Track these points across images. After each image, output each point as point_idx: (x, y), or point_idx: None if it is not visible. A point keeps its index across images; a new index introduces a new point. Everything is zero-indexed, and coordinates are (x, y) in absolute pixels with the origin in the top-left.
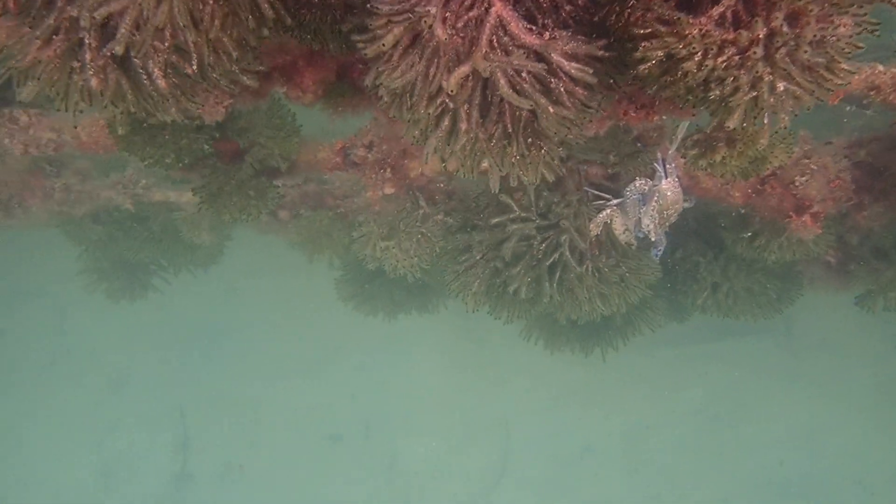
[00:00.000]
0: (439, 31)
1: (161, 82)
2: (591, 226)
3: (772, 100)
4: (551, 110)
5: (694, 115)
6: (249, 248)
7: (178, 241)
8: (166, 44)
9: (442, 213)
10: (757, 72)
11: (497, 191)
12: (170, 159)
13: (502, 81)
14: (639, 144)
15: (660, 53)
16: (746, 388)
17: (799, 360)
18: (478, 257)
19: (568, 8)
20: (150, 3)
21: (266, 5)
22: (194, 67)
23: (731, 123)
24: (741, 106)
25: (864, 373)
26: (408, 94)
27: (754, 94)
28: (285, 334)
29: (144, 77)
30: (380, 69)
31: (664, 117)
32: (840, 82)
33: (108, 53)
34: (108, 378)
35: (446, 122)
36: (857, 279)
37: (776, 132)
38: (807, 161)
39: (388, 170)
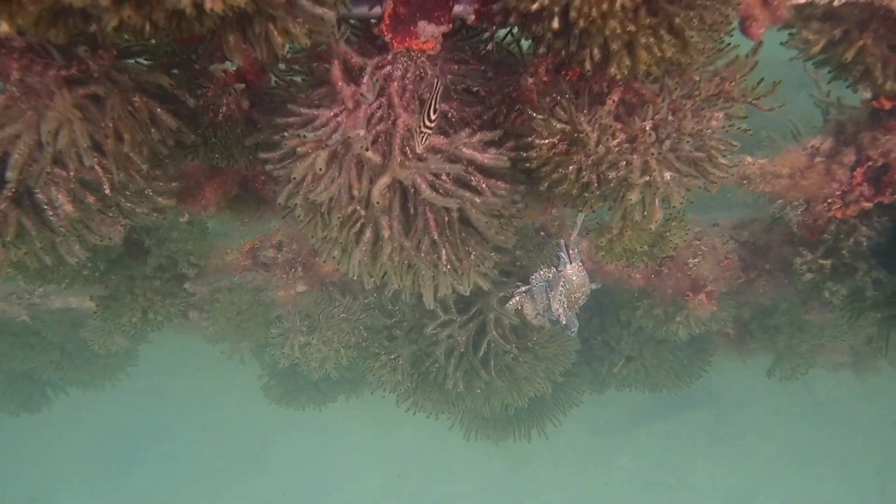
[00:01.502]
0: (370, 155)
1: (68, 207)
2: (504, 313)
3: (662, 185)
4: (478, 200)
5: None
6: (168, 348)
7: (86, 351)
8: (71, 173)
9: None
10: (649, 155)
11: (433, 306)
12: (64, 282)
13: (423, 186)
14: (542, 234)
15: (558, 126)
16: (677, 456)
17: (722, 426)
18: (402, 351)
19: (477, 122)
20: (50, 127)
21: (165, 116)
22: (107, 191)
23: (633, 197)
24: (638, 185)
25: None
26: (326, 211)
27: (647, 178)
28: (212, 435)
29: (49, 210)
30: (300, 186)
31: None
32: (722, 175)
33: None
34: (22, 499)
35: (368, 233)
36: (756, 349)
37: (670, 213)
38: (697, 242)
39: (300, 268)
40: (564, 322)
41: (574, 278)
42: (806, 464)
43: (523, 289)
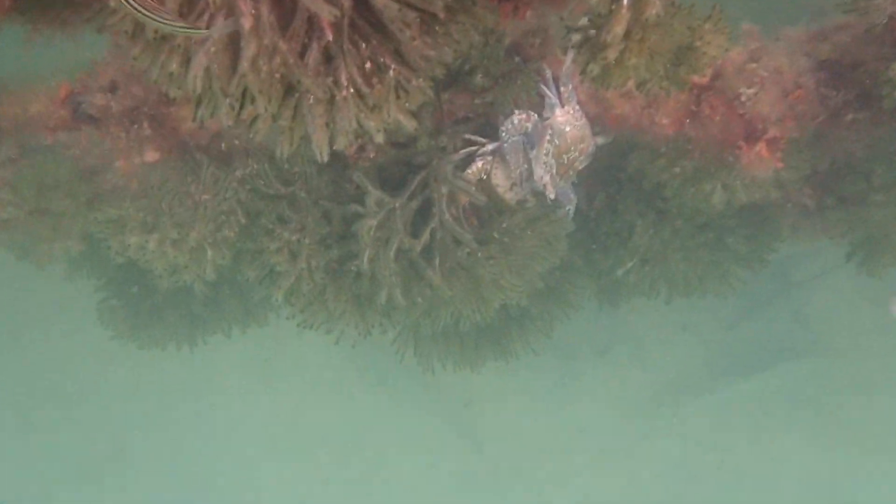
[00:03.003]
0: None
1: None
2: (461, 186)
3: None
4: None
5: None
6: None
7: None
8: None
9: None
10: None
11: (325, 158)
12: None
13: None
14: (517, 59)
15: None
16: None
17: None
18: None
19: None
20: None
21: None
22: None
23: None
24: None
25: None
26: None
27: None
28: (39, 435)
29: None
30: None
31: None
32: None
33: None
34: None
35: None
36: (839, 223)
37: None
38: (754, 66)
39: (146, 123)
40: (554, 196)
41: (568, 129)
42: None
43: (489, 147)
